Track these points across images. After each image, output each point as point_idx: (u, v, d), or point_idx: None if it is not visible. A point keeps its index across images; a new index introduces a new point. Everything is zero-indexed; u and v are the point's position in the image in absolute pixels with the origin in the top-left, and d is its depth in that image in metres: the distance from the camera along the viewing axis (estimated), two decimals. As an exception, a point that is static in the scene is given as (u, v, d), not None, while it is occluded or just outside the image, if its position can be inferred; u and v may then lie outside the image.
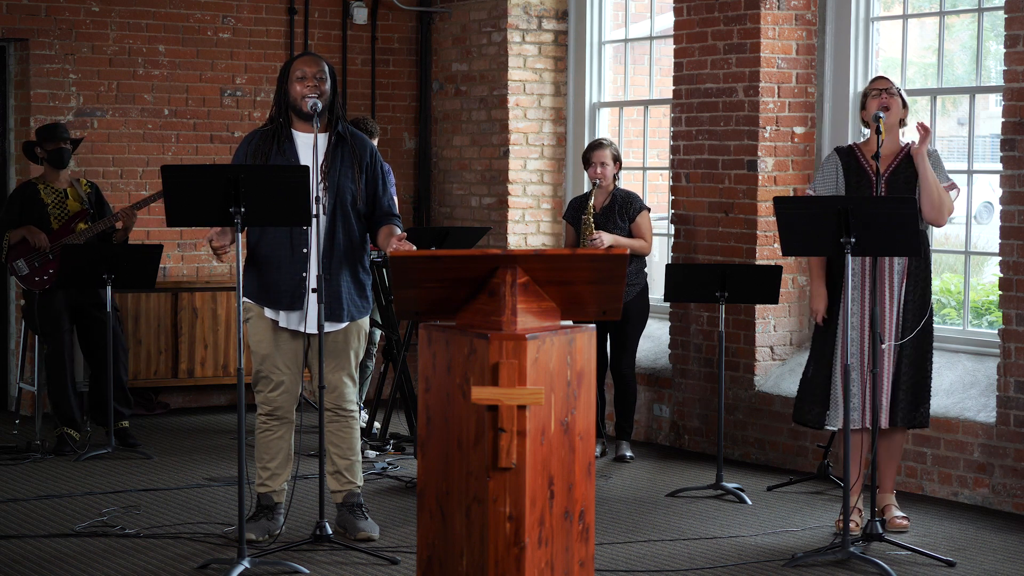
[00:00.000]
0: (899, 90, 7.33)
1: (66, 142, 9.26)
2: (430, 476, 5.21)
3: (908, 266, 7.23)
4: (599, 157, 9.18)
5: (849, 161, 7.33)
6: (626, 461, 9.15)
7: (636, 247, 9.13)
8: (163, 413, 10.82)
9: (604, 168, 9.16)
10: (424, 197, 11.58)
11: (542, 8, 10.94)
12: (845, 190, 7.28)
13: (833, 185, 7.31)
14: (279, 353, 6.97)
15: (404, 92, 11.67)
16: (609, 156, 9.19)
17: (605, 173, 9.17)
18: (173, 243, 10.79)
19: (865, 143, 7.37)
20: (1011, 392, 7.83)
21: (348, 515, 7.09)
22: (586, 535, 5.22)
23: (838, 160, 7.35)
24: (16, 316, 10.58)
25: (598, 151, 9.20)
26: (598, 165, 9.17)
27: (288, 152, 6.92)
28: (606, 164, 9.17)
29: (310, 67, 6.93)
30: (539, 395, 4.92)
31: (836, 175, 7.33)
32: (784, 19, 9.07)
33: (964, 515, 7.79)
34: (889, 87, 7.29)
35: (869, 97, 7.31)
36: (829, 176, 7.35)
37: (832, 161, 7.38)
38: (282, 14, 11.24)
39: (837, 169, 7.34)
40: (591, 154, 9.22)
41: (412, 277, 5.21)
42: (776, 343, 9.22)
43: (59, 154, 9.22)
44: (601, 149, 9.20)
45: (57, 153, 9.21)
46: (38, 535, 7.14)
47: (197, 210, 6.49)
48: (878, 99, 7.25)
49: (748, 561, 6.82)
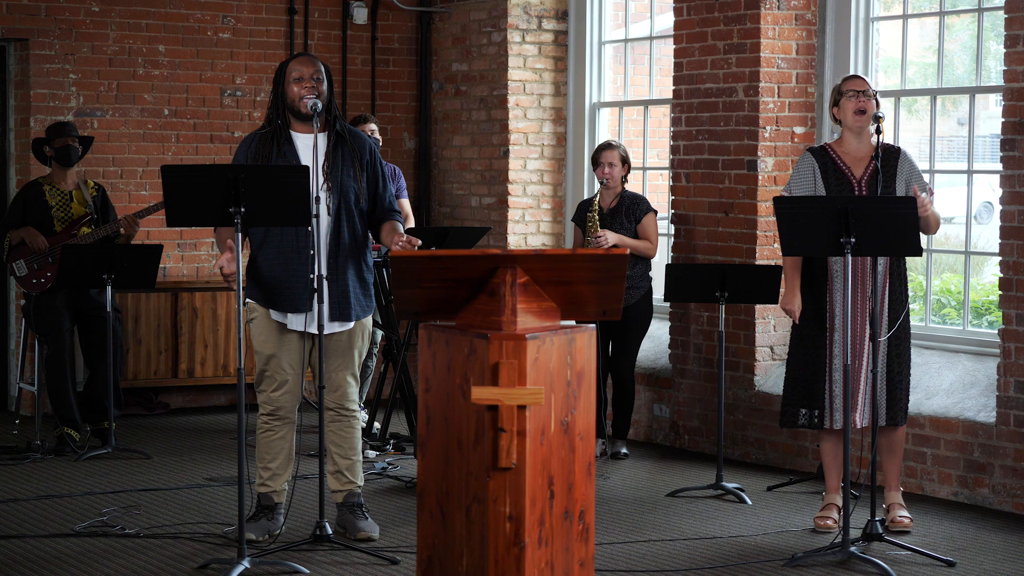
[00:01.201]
0: (874, 92, 7.30)
1: (74, 139, 9.25)
2: (430, 476, 5.20)
3: (889, 264, 7.23)
4: (607, 158, 9.22)
5: (825, 163, 7.30)
6: (620, 457, 9.22)
7: (640, 248, 9.16)
8: (163, 413, 10.82)
9: (612, 169, 9.20)
10: (424, 197, 11.58)
11: (542, 8, 10.94)
12: (825, 192, 7.25)
13: (811, 186, 7.28)
14: (284, 354, 6.97)
15: (404, 92, 11.67)
16: (618, 157, 9.23)
17: (613, 174, 9.21)
18: (173, 243, 10.79)
19: (838, 143, 7.35)
20: (1011, 392, 7.83)
21: (348, 515, 7.09)
22: (586, 535, 5.22)
23: (814, 161, 7.31)
24: (16, 316, 10.58)
25: (607, 152, 9.24)
26: (606, 165, 9.21)
27: (288, 154, 6.92)
28: (614, 165, 9.21)
29: (307, 68, 6.92)
30: (539, 395, 4.92)
31: (814, 176, 7.30)
32: (784, 19, 9.07)
33: (964, 515, 7.79)
34: (866, 88, 7.26)
35: (844, 97, 7.27)
36: (806, 177, 7.30)
37: (808, 162, 7.32)
38: (282, 14, 11.25)
39: (814, 170, 7.30)
40: (600, 154, 9.27)
41: (412, 277, 5.21)
42: (776, 343, 9.22)
43: (67, 151, 9.20)
44: (610, 150, 9.24)
45: (65, 150, 9.20)
46: (38, 535, 7.14)
47: (197, 210, 6.48)
48: (855, 100, 7.23)
49: (748, 561, 6.82)
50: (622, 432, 9.39)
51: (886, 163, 7.23)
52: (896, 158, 7.24)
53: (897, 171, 7.23)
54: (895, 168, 7.23)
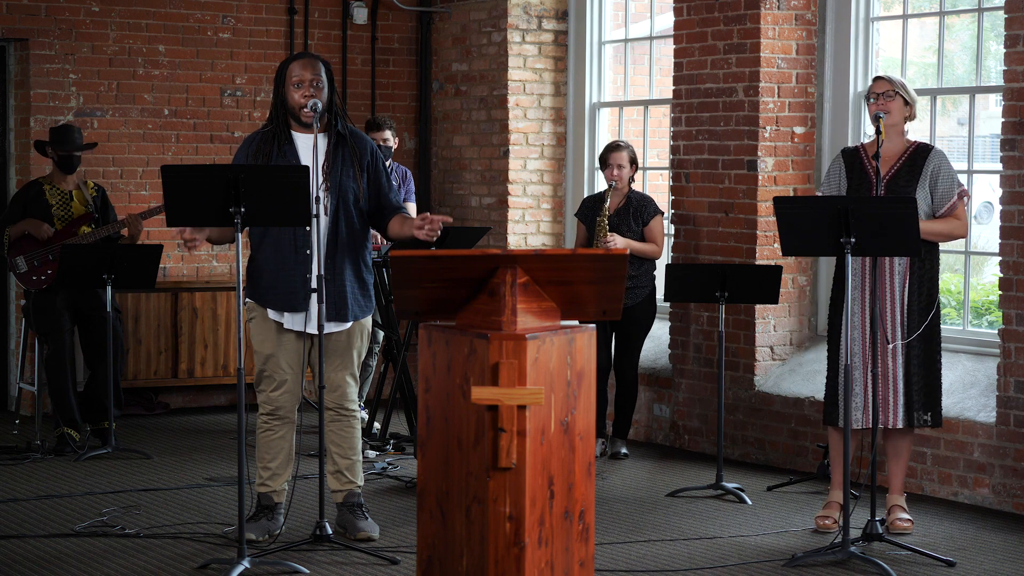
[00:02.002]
0: (902, 87, 7.27)
1: (79, 149, 9.26)
2: (430, 476, 5.21)
3: (910, 265, 7.22)
4: (616, 159, 9.18)
5: (853, 162, 7.33)
6: (620, 457, 9.21)
7: (647, 251, 9.15)
8: (163, 413, 10.82)
9: (620, 170, 9.17)
10: (424, 197, 11.58)
11: (542, 8, 10.94)
12: (847, 191, 7.27)
13: (836, 186, 7.31)
14: (282, 353, 6.97)
15: (404, 92, 11.67)
16: (626, 159, 9.19)
17: (621, 175, 9.17)
18: (173, 243, 10.79)
19: (870, 144, 7.35)
20: (1011, 392, 7.83)
21: (348, 515, 7.09)
22: (586, 535, 5.22)
23: (842, 162, 7.36)
24: (16, 316, 10.58)
25: (615, 153, 9.20)
26: (615, 167, 9.17)
27: (289, 154, 6.92)
28: (623, 166, 9.17)
29: (307, 72, 6.87)
30: (539, 395, 4.92)
31: (840, 176, 7.32)
32: (784, 19, 9.07)
33: (964, 515, 7.79)
34: (887, 90, 7.24)
35: (869, 100, 7.29)
36: (833, 178, 7.36)
37: (837, 163, 7.38)
38: (282, 14, 11.24)
39: (841, 170, 7.33)
40: (608, 155, 9.22)
41: (412, 277, 5.21)
42: (776, 343, 9.22)
43: (68, 160, 9.25)
44: (619, 151, 9.20)
45: (68, 159, 9.24)
46: (38, 535, 7.14)
47: (197, 210, 6.48)
48: (873, 104, 7.23)
49: (748, 561, 6.82)
50: (623, 432, 9.39)
51: (913, 162, 7.23)
52: (924, 157, 7.23)
53: (922, 171, 7.22)
54: (921, 168, 7.22)
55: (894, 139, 7.28)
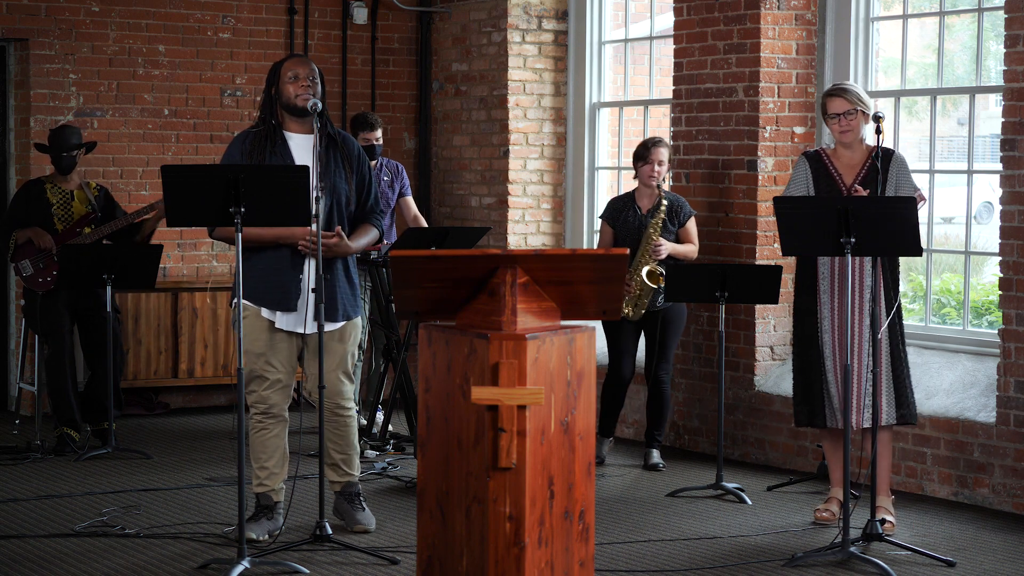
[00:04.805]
0: (858, 99, 7.27)
1: (74, 151, 9.25)
2: (430, 476, 5.21)
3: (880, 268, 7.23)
4: (657, 155, 8.71)
5: (818, 168, 7.35)
6: (659, 470, 8.87)
7: (686, 253, 8.80)
8: (163, 413, 10.82)
9: (661, 167, 8.71)
10: (424, 197, 11.58)
11: (542, 8, 10.94)
12: None
13: (804, 190, 7.34)
14: (273, 352, 6.98)
15: (404, 92, 11.67)
16: (667, 155, 8.79)
17: (662, 172, 8.73)
18: (173, 243, 10.79)
19: (832, 151, 7.41)
20: (1011, 392, 7.83)
21: (346, 504, 7.14)
22: (586, 535, 5.22)
23: (807, 165, 7.37)
24: (16, 316, 10.58)
25: (658, 148, 8.71)
26: (655, 163, 8.70)
27: (283, 154, 6.94)
28: (663, 163, 8.73)
29: (303, 68, 6.98)
30: (539, 395, 4.93)
31: (806, 180, 7.36)
32: (784, 19, 9.08)
33: (964, 515, 7.79)
34: (847, 109, 7.26)
35: (827, 118, 7.32)
36: (800, 180, 7.37)
37: (802, 166, 7.39)
38: (282, 14, 11.25)
39: (807, 175, 7.36)
40: (649, 151, 8.72)
41: (412, 277, 5.21)
42: (776, 343, 9.22)
43: (62, 161, 9.24)
44: (661, 146, 8.73)
45: (60, 159, 9.23)
46: (38, 535, 7.14)
47: (197, 210, 6.49)
48: (836, 124, 7.28)
49: (748, 561, 6.82)
50: (656, 441, 9.00)
51: (876, 168, 7.25)
52: (888, 161, 7.26)
53: (888, 175, 7.25)
54: (886, 172, 7.25)
55: (856, 148, 7.34)
